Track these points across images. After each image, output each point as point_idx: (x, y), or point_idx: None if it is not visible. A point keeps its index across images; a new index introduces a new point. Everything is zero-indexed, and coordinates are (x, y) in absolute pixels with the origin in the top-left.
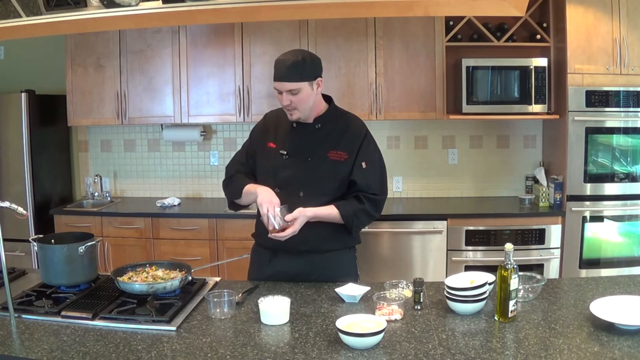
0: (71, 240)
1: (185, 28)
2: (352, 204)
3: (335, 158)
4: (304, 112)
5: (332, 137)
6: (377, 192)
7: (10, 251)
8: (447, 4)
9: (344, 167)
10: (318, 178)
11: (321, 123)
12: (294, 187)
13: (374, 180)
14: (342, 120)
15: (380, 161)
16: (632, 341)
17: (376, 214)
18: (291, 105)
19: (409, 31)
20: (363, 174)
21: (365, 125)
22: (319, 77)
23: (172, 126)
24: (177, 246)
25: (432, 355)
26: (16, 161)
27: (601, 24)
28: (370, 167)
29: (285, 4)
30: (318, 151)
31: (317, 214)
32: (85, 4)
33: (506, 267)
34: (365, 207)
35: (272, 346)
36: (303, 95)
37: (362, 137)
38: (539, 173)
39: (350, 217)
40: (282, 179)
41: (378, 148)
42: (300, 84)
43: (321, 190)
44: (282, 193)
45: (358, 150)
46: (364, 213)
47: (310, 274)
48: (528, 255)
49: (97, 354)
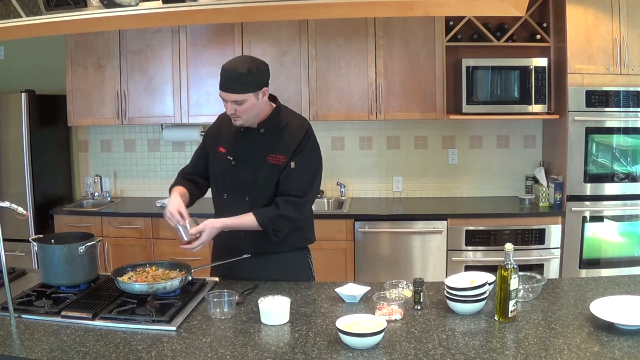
0: (71, 240)
1: (185, 28)
2: (268, 210)
3: (274, 162)
4: (248, 120)
5: (273, 141)
6: (298, 194)
7: (10, 251)
8: (447, 4)
9: (280, 170)
10: (260, 182)
11: (265, 128)
12: (240, 192)
13: (298, 182)
14: (285, 123)
15: (311, 162)
16: (632, 341)
17: (296, 217)
18: (235, 114)
19: (409, 31)
20: (288, 175)
21: (308, 126)
22: (265, 87)
23: (172, 126)
24: (177, 246)
25: (432, 355)
26: (16, 161)
27: (601, 24)
28: (298, 168)
29: (285, 4)
30: (260, 155)
31: (229, 224)
32: (85, 4)
33: (506, 267)
34: (281, 211)
35: (272, 346)
36: (247, 105)
37: (300, 138)
38: (539, 173)
39: (266, 223)
40: (229, 184)
41: (317, 150)
42: (245, 95)
43: (264, 195)
44: (229, 198)
45: (293, 152)
46: (279, 218)
47: (262, 275)
48: (528, 255)
49: (97, 354)
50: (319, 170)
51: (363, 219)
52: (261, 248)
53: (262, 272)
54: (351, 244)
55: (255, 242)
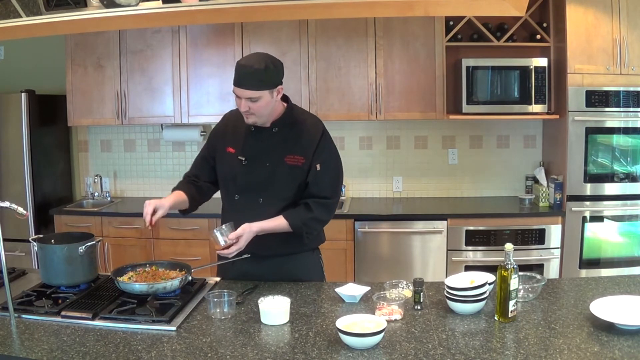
0: (71, 240)
1: (185, 28)
2: (300, 213)
3: (292, 163)
4: (261, 118)
5: (289, 141)
6: (329, 195)
7: (10, 251)
8: (447, 4)
9: (300, 171)
10: (276, 183)
11: (278, 127)
12: (253, 193)
13: (326, 183)
14: (299, 122)
15: (334, 163)
16: (632, 341)
17: (327, 218)
18: (249, 111)
19: (409, 31)
20: (315, 177)
21: (322, 126)
22: (280, 85)
23: (172, 126)
24: (177, 246)
25: (432, 355)
26: (16, 161)
27: (601, 24)
28: (323, 169)
29: (285, 4)
30: (275, 156)
31: (264, 227)
32: (85, 4)
33: (506, 267)
34: (314, 214)
35: (272, 346)
36: (262, 103)
37: (318, 139)
38: (539, 173)
39: (300, 227)
40: (241, 185)
41: (335, 149)
42: (261, 92)
43: (280, 196)
44: (241, 199)
45: (314, 153)
46: (313, 221)
47: (274, 276)
48: (528, 255)
49: (97, 354)
50: (342, 168)
51: (363, 219)
52: (276, 250)
53: (276, 273)
54: (351, 244)
55: (271, 244)
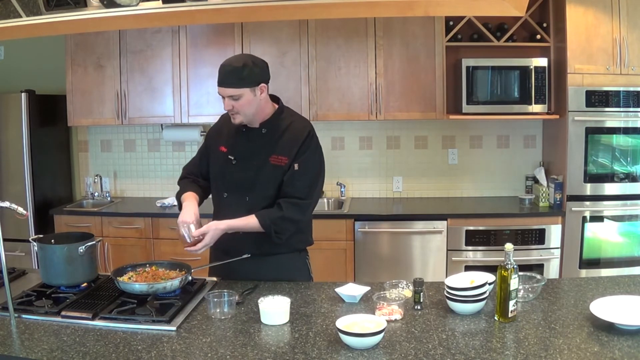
0: (71, 240)
1: (185, 28)
2: (271, 212)
3: (276, 162)
4: (247, 117)
5: (276, 141)
6: (302, 196)
7: (10, 251)
8: (447, 4)
9: (282, 171)
10: (261, 183)
11: (267, 128)
12: (241, 191)
13: (301, 184)
14: (287, 123)
15: (314, 164)
16: (632, 341)
17: (299, 218)
18: (233, 110)
19: (409, 31)
20: (292, 177)
21: (310, 128)
22: (263, 83)
23: (172, 126)
24: (177, 246)
25: (432, 355)
26: (16, 161)
27: (601, 24)
28: (301, 169)
29: (285, 4)
30: (261, 156)
31: (233, 225)
32: (85, 4)
33: (506, 267)
34: (284, 213)
35: (272, 346)
36: (244, 101)
37: (303, 140)
38: (539, 173)
39: (268, 225)
40: (230, 183)
41: (320, 151)
42: (241, 90)
43: (265, 195)
44: (229, 197)
45: (296, 153)
46: (282, 220)
47: (261, 276)
48: (528, 255)
49: (97, 354)
50: (322, 172)
51: (363, 219)
52: (260, 249)
53: (261, 272)
54: (351, 244)
55: (254, 243)
